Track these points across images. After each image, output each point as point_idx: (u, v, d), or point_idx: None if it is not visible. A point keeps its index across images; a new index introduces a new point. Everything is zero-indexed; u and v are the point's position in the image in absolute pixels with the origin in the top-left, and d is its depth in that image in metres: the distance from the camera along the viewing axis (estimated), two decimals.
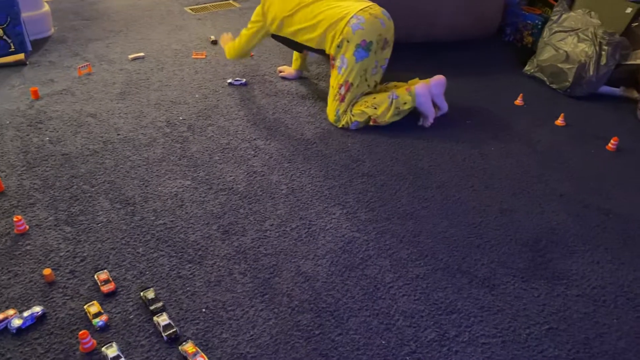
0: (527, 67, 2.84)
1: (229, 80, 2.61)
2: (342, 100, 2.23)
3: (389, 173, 2.01)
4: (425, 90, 2.23)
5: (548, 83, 2.71)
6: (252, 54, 2.93)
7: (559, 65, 2.62)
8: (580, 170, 2.08)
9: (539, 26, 2.97)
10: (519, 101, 2.55)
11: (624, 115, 2.48)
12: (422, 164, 2.07)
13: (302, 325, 1.39)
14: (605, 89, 2.62)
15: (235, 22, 3.41)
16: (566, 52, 2.60)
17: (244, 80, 2.61)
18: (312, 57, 2.78)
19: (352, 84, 2.20)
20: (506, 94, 2.62)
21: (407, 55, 2.96)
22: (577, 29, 2.62)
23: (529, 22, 3.04)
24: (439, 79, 2.28)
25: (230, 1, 3.82)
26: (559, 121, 2.39)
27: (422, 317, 1.43)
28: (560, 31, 2.69)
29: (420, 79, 2.27)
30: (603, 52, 2.50)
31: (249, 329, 1.37)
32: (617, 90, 2.63)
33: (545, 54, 2.71)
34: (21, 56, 2.74)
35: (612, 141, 2.22)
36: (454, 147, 2.19)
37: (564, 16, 2.71)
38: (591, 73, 2.52)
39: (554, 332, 1.40)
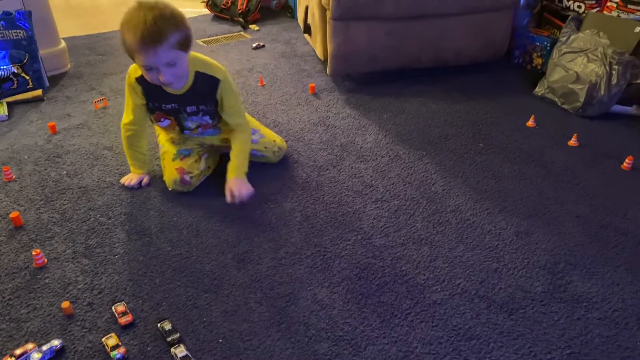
0: (537, 89, 2.84)
1: None
2: None
3: (403, 197, 2.01)
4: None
5: (559, 104, 2.71)
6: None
7: (570, 85, 2.62)
8: (595, 190, 2.06)
9: (548, 48, 2.98)
10: (530, 123, 2.55)
11: (638, 134, 2.46)
12: (435, 187, 2.07)
13: (319, 355, 1.38)
14: (618, 108, 2.61)
15: (247, 53, 3.47)
16: (576, 72, 2.60)
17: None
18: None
19: None
20: (517, 116, 2.62)
21: (415, 80, 2.99)
22: (587, 50, 2.62)
23: (538, 44, 3.05)
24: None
25: (242, 33, 3.90)
26: (572, 142, 2.38)
27: (440, 344, 1.41)
28: (569, 52, 2.69)
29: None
30: (614, 72, 2.50)
31: (266, 359, 1.37)
32: (631, 109, 2.61)
33: (555, 75, 2.72)
34: (39, 92, 2.81)
35: (627, 160, 2.20)
36: (467, 170, 2.18)
37: (572, 37, 2.73)
38: (602, 93, 2.52)
39: (575, 356, 1.38)
